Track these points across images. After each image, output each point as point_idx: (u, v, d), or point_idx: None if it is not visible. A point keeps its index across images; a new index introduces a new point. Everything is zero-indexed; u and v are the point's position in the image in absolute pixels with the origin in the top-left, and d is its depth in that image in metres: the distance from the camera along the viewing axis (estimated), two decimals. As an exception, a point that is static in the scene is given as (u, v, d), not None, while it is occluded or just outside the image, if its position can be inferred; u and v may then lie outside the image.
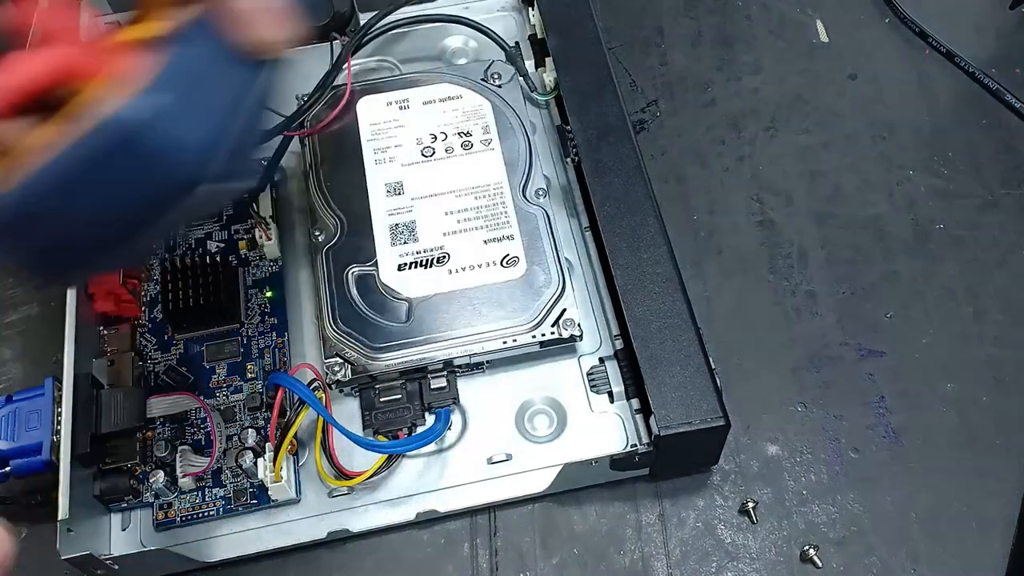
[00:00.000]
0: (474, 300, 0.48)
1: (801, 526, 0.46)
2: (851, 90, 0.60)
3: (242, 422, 0.47)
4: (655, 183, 0.50)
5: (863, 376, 0.50)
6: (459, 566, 0.45)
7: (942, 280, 0.53)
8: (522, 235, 0.49)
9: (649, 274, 0.47)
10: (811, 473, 0.47)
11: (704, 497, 0.47)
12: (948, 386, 0.50)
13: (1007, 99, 0.59)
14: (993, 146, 0.57)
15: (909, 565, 0.45)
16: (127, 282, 0.49)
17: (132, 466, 0.46)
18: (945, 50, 0.61)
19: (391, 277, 0.48)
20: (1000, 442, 0.48)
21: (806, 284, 0.53)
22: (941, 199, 0.56)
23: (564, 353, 0.49)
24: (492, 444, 0.47)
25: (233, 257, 0.52)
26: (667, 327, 0.45)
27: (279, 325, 0.50)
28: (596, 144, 0.51)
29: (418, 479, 0.46)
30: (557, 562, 0.45)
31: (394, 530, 0.46)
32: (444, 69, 0.56)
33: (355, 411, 0.47)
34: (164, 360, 0.49)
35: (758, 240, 0.54)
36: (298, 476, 0.46)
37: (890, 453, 0.48)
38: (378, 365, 0.46)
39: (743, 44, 0.62)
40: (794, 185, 0.56)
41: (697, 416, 0.43)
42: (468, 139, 0.53)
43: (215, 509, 0.45)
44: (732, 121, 0.59)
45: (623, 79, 0.60)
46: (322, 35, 0.57)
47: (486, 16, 0.60)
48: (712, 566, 0.45)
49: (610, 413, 0.47)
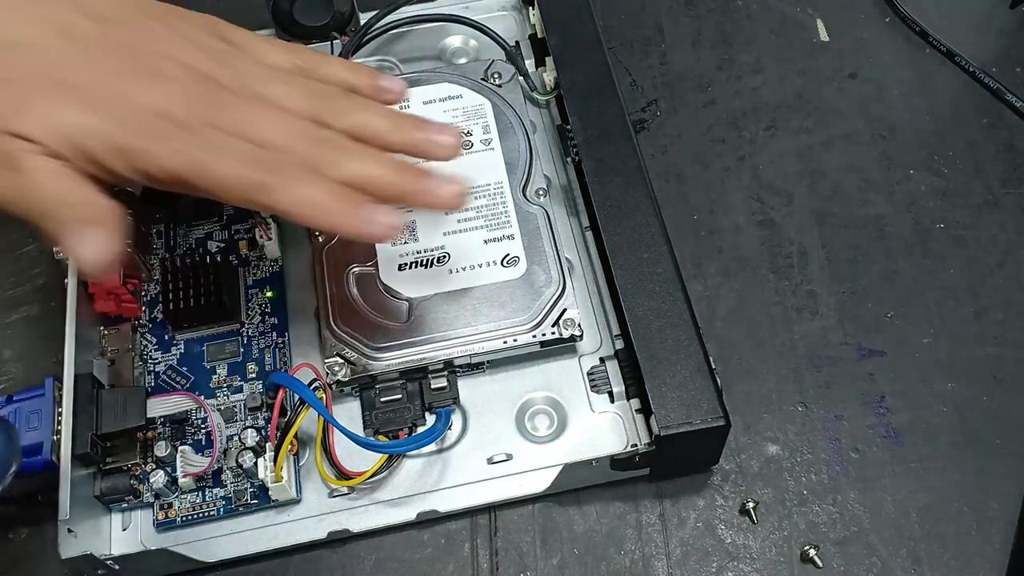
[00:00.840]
0: (474, 300, 0.48)
1: (801, 526, 0.46)
2: (851, 89, 0.60)
3: (242, 422, 0.47)
4: (655, 183, 0.50)
5: (863, 376, 0.50)
6: (459, 566, 0.45)
7: (942, 280, 0.53)
8: (522, 235, 0.49)
9: (649, 274, 0.47)
10: (811, 473, 0.48)
11: (704, 497, 0.47)
12: (948, 386, 0.50)
13: (1008, 98, 0.59)
14: (993, 145, 0.57)
15: (909, 565, 0.45)
16: (127, 282, 0.49)
17: (132, 466, 0.46)
18: (945, 49, 0.61)
19: (391, 277, 0.48)
20: (1000, 442, 0.48)
21: (806, 284, 0.53)
22: (941, 198, 0.56)
23: (564, 353, 0.49)
24: (492, 444, 0.47)
25: (233, 257, 0.52)
26: (667, 327, 0.45)
27: (279, 325, 0.50)
28: (596, 144, 0.51)
29: (418, 479, 0.46)
30: (557, 562, 0.45)
31: (394, 530, 0.46)
32: (444, 69, 0.56)
33: (355, 411, 0.47)
34: (164, 360, 0.49)
35: (758, 240, 0.54)
36: (298, 476, 0.46)
37: (890, 453, 0.48)
38: (378, 365, 0.46)
39: (743, 43, 0.62)
40: (794, 185, 0.56)
41: (697, 416, 0.43)
42: (468, 139, 0.53)
43: (215, 509, 0.45)
44: (732, 120, 0.59)
45: (623, 79, 0.60)
46: (322, 35, 0.57)
47: (486, 16, 0.60)
48: (712, 566, 0.45)
49: (610, 413, 0.47)
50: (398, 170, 0.43)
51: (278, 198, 0.40)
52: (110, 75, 0.41)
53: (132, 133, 0.40)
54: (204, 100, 0.41)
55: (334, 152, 0.42)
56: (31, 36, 0.41)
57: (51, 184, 0.40)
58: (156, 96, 0.41)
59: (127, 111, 0.40)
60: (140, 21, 0.43)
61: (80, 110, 0.40)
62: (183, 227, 0.53)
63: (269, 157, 0.41)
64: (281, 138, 0.41)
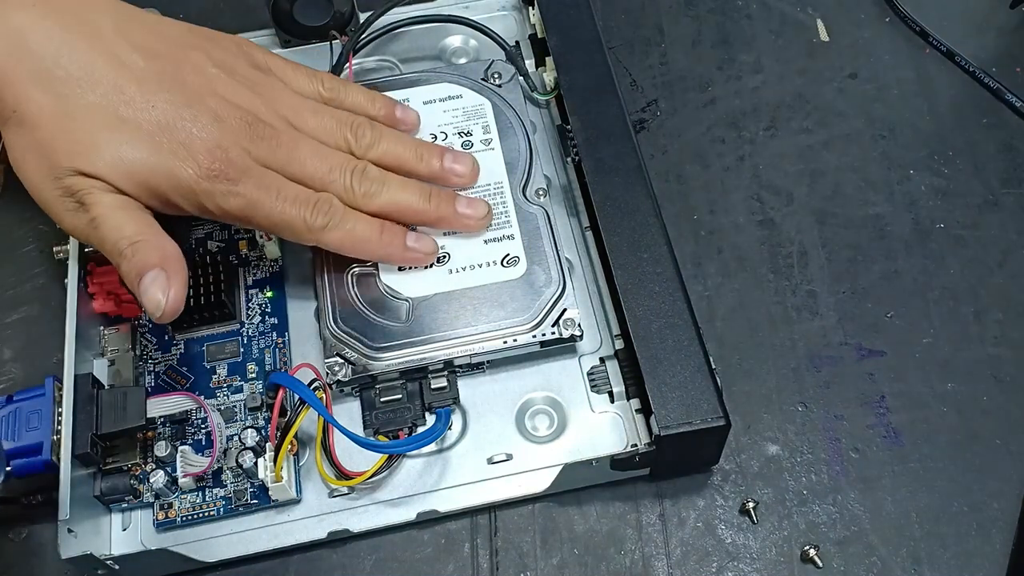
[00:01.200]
0: (474, 300, 0.48)
1: (802, 526, 0.46)
2: (851, 89, 0.60)
3: (242, 422, 0.47)
4: (655, 183, 0.50)
5: (863, 376, 0.50)
6: (459, 566, 0.45)
7: (943, 279, 0.53)
8: (522, 235, 0.49)
9: (649, 274, 0.47)
10: (811, 473, 0.48)
11: (704, 497, 0.47)
12: (948, 386, 0.50)
13: (1007, 98, 0.59)
14: (993, 145, 0.57)
15: (910, 565, 0.45)
16: (127, 282, 0.49)
17: (132, 466, 0.46)
18: (945, 49, 0.61)
19: (391, 277, 0.48)
20: (1000, 442, 0.48)
21: (806, 284, 0.53)
22: (942, 198, 0.56)
23: (564, 353, 0.49)
24: (492, 444, 0.47)
25: (233, 257, 0.52)
26: (667, 327, 0.45)
27: (279, 325, 0.50)
28: (596, 144, 0.51)
29: (418, 479, 0.46)
30: (557, 562, 0.45)
31: (394, 530, 0.46)
32: (444, 69, 0.56)
33: (355, 411, 0.47)
34: (164, 360, 0.49)
35: (758, 240, 0.54)
36: (298, 476, 0.46)
37: (890, 453, 0.48)
38: (378, 365, 0.46)
39: (743, 43, 0.62)
40: (794, 184, 0.56)
41: (697, 416, 0.43)
42: (468, 139, 0.52)
43: (215, 509, 0.45)
44: (732, 120, 0.59)
45: (623, 79, 0.60)
46: (322, 35, 0.57)
47: (486, 16, 0.60)
48: (713, 566, 0.45)
49: (610, 413, 0.47)
50: (429, 196, 0.47)
51: (327, 237, 0.45)
52: (165, 110, 0.43)
53: (195, 172, 0.43)
54: (252, 138, 0.44)
55: (369, 183, 0.46)
56: (85, 70, 0.43)
57: (117, 221, 0.42)
58: (210, 133, 0.43)
59: (186, 149, 0.43)
60: (180, 52, 0.45)
61: (143, 147, 0.42)
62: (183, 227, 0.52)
63: (316, 197, 0.45)
64: (326, 174, 0.46)
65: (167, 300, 0.42)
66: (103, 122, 0.42)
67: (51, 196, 0.43)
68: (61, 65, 0.42)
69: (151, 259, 0.42)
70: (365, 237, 0.46)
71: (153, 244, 0.42)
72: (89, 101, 0.42)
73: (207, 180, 0.42)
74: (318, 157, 0.46)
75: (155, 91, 0.43)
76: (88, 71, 0.43)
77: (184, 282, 0.43)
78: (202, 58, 0.45)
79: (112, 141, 0.42)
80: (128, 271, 0.42)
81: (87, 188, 0.42)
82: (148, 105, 0.43)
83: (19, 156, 0.43)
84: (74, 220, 0.43)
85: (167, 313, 0.42)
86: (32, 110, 0.42)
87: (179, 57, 0.45)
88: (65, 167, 0.42)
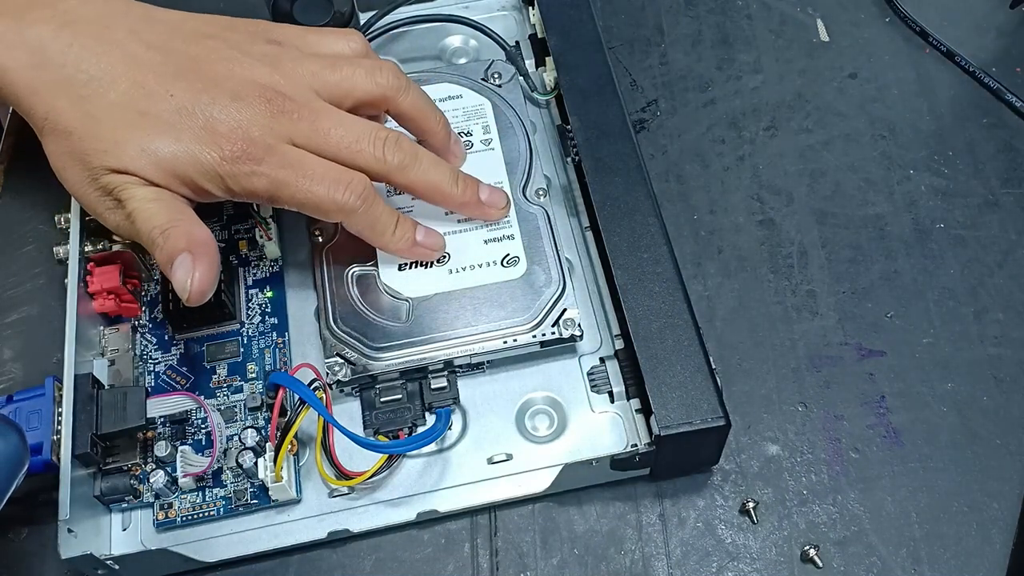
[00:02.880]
0: (474, 300, 0.48)
1: (802, 526, 0.46)
2: (851, 89, 0.60)
3: (242, 422, 0.47)
4: (655, 183, 0.50)
5: (863, 376, 0.50)
6: (459, 566, 0.45)
7: (942, 280, 0.53)
8: (522, 235, 0.49)
9: (649, 274, 0.47)
10: (811, 473, 0.48)
11: (704, 497, 0.47)
12: (948, 386, 0.50)
13: (1007, 98, 0.59)
14: (993, 145, 0.57)
15: (910, 565, 0.45)
16: (127, 282, 0.49)
17: (132, 466, 0.46)
18: (945, 49, 0.61)
19: (391, 277, 0.48)
20: (1000, 442, 0.48)
21: (806, 284, 0.53)
22: (942, 198, 0.56)
23: (564, 353, 0.49)
24: (492, 444, 0.47)
25: (233, 257, 0.52)
26: (667, 327, 0.45)
27: (279, 325, 0.50)
28: (596, 144, 0.51)
29: (418, 479, 0.46)
30: (557, 562, 0.45)
31: (394, 530, 0.46)
32: (444, 69, 0.56)
33: (355, 411, 0.47)
34: (164, 360, 0.49)
35: (758, 240, 0.54)
36: (298, 476, 0.46)
37: (890, 453, 0.48)
38: (378, 365, 0.46)
39: (743, 43, 0.62)
40: (794, 184, 0.56)
41: (697, 416, 0.43)
42: (468, 139, 0.53)
43: (215, 509, 0.45)
44: (732, 120, 0.59)
45: (623, 79, 0.60)
46: (322, 35, 0.57)
47: (486, 16, 0.60)
48: (713, 566, 0.45)
49: (610, 413, 0.47)
50: (457, 180, 0.47)
51: (353, 221, 0.45)
52: (184, 98, 0.43)
53: (218, 156, 0.43)
54: (273, 114, 0.44)
55: (403, 154, 0.46)
56: (104, 72, 0.44)
57: (150, 212, 0.43)
58: (230, 114, 0.43)
59: (207, 133, 0.43)
60: (196, 42, 0.46)
61: (166, 137, 0.43)
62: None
63: (347, 179, 0.44)
64: (352, 143, 0.45)
65: (192, 282, 0.42)
66: (125, 118, 0.43)
67: (92, 198, 0.44)
68: (82, 70, 0.43)
69: (179, 244, 0.42)
70: (383, 228, 0.46)
71: (182, 230, 0.43)
72: (111, 100, 0.43)
73: (230, 163, 0.43)
74: (342, 127, 0.45)
75: (172, 81, 0.44)
76: (107, 72, 0.43)
77: (212, 264, 0.43)
78: (219, 44, 0.45)
79: (136, 135, 0.43)
80: (161, 259, 0.43)
81: (121, 184, 0.43)
82: (167, 95, 0.43)
83: (58, 162, 0.44)
84: (115, 217, 0.44)
85: (193, 295, 0.42)
86: (61, 117, 0.43)
87: (195, 47, 0.45)
88: (98, 167, 0.43)
